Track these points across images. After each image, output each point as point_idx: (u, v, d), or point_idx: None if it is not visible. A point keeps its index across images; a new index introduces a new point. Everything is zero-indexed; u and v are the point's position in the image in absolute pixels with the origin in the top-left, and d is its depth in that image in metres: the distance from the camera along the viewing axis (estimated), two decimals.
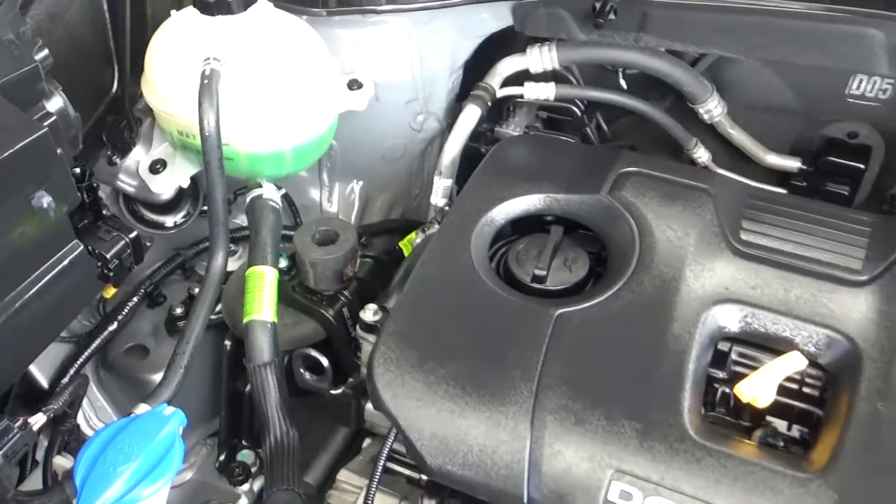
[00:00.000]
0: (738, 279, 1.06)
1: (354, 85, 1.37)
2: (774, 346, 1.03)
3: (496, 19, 1.47)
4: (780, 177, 1.67)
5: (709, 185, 1.18)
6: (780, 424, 1.03)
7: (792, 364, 0.98)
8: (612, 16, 1.37)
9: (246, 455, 1.38)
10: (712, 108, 1.57)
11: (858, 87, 1.58)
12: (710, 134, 1.66)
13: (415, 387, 1.00)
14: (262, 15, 1.23)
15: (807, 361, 0.99)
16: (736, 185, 1.21)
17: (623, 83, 1.65)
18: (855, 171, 1.60)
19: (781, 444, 0.99)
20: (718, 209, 1.14)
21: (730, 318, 1.03)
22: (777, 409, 1.02)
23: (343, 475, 1.16)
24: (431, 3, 1.38)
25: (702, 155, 1.65)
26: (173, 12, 1.26)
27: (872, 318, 1.01)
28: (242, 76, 1.19)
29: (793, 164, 1.64)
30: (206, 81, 1.14)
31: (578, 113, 1.64)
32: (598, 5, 1.37)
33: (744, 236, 1.11)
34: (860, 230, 1.12)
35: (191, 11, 1.23)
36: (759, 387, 0.96)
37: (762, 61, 1.61)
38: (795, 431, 1.02)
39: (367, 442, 1.24)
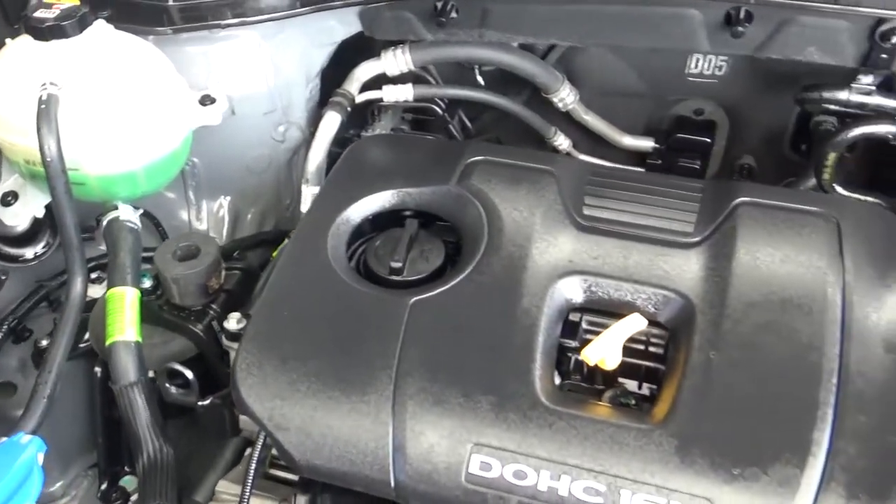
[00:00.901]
0: (582, 252, 1.12)
1: (207, 100, 1.38)
2: (619, 311, 1.08)
3: (345, 25, 1.50)
4: (638, 157, 1.76)
5: (552, 166, 1.23)
6: (633, 384, 1.09)
7: (633, 325, 1.04)
8: (454, 14, 1.42)
9: (128, 481, 1.36)
10: (565, 97, 1.64)
11: (696, 66, 1.68)
12: (573, 122, 1.73)
13: (278, 387, 1.01)
14: (100, 37, 1.22)
15: (646, 322, 1.05)
16: (578, 164, 1.27)
17: (480, 79, 1.71)
18: (703, 146, 1.69)
19: (633, 401, 1.05)
20: (562, 188, 1.19)
21: (575, 290, 1.09)
22: (627, 370, 1.08)
23: (222, 486, 1.16)
24: (276, 14, 1.39)
25: (562, 142, 1.72)
26: (8, 41, 1.24)
27: (703, 276, 1.08)
28: (83, 99, 1.18)
29: (647, 143, 1.73)
30: (43, 107, 1.13)
31: (440, 112, 1.69)
32: (439, 5, 1.42)
33: (586, 211, 1.17)
34: (692, 196, 1.19)
35: (25, 38, 1.21)
36: (604, 350, 1.02)
37: (608, 48, 1.69)
38: (646, 389, 1.08)
39: (248, 451, 1.25)
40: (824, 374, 0.96)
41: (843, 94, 1.37)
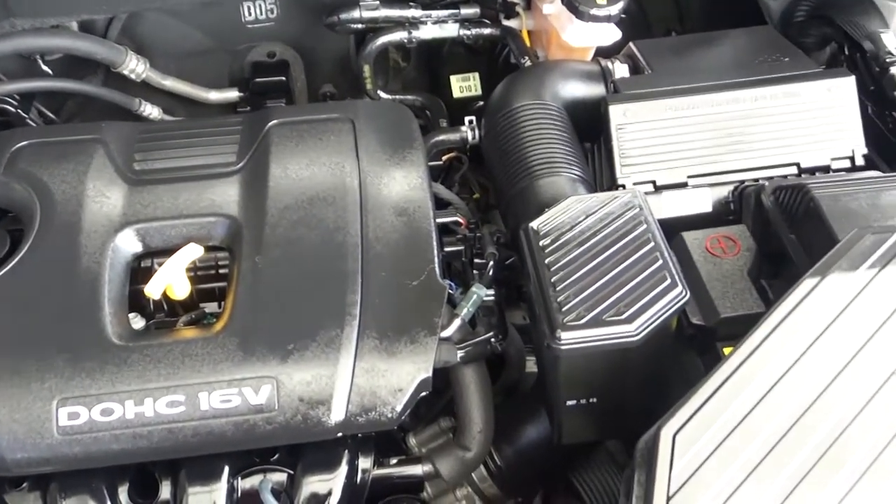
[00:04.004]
0: (135, 204, 1.21)
1: None
2: (181, 246, 1.19)
3: None
4: (231, 108, 1.87)
5: (99, 134, 1.30)
6: (215, 306, 1.22)
7: (188, 254, 1.15)
8: None
9: None
10: (135, 68, 1.69)
11: (250, 14, 1.81)
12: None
13: None
14: None
15: (202, 249, 1.17)
16: (129, 127, 1.35)
17: (46, 68, 1.71)
18: (281, 85, 1.83)
19: (214, 320, 1.17)
20: (110, 152, 1.27)
21: (132, 240, 1.18)
22: (205, 295, 1.20)
23: None
24: None
25: (151, 111, 1.77)
26: None
27: (245, 195, 1.21)
28: None
29: (232, 94, 1.83)
30: None
31: (13, 109, 1.67)
32: None
33: (137, 167, 1.26)
34: (233, 130, 1.32)
35: None
36: (164, 282, 1.12)
37: (165, 12, 1.76)
38: None
39: None
40: (349, 247, 1.15)
41: (356, 14, 1.57)
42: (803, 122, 1.30)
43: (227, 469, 1.08)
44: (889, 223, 1.07)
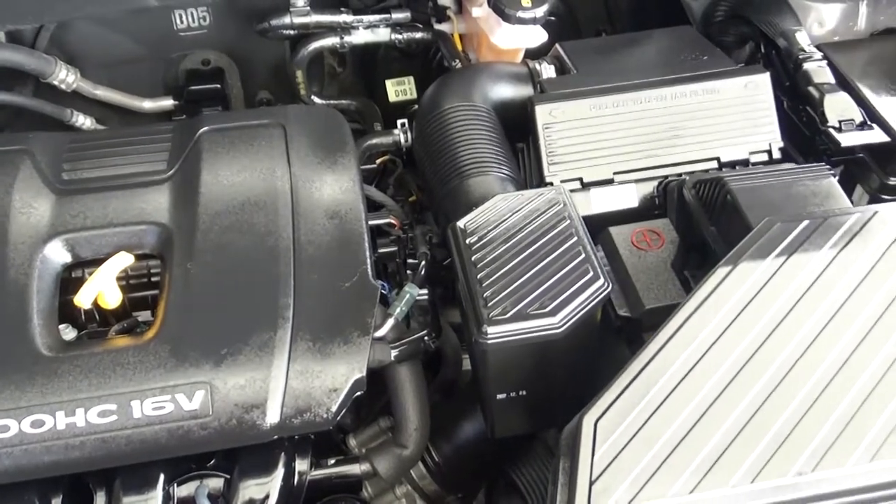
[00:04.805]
0: (63, 214, 1.19)
1: None
2: (112, 256, 1.18)
3: None
4: (167, 117, 1.86)
5: (26, 145, 1.28)
6: (147, 314, 1.21)
7: (118, 263, 1.15)
8: None
9: None
10: (65, 78, 1.68)
11: (182, 21, 1.80)
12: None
13: None
14: None
15: (132, 257, 1.17)
16: (58, 137, 1.33)
17: None
18: (215, 92, 1.83)
19: (147, 328, 1.17)
20: (37, 162, 1.25)
21: (61, 250, 1.17)
22: (138, 303, 1.20)
23: None
24: None
25: (84, 122, 1.76)
26: None
27: (175, 203, 1.21)
28: None
29: (167, 103, 1.83)
30: None
31: None
32: None
33: (65, 176, 1.25)
34: (163, 138, 1.32)
35: None
36: (93, 291, 1.12)
37: (94, 22, 1.75)
38: None
39: None
40: (281, 251, 1.15)
41: (286, 20, 1.57)
42: (722, 118, 1.35)
43: (162, 476, 1.08)
44: (801, 212, 1.11)
